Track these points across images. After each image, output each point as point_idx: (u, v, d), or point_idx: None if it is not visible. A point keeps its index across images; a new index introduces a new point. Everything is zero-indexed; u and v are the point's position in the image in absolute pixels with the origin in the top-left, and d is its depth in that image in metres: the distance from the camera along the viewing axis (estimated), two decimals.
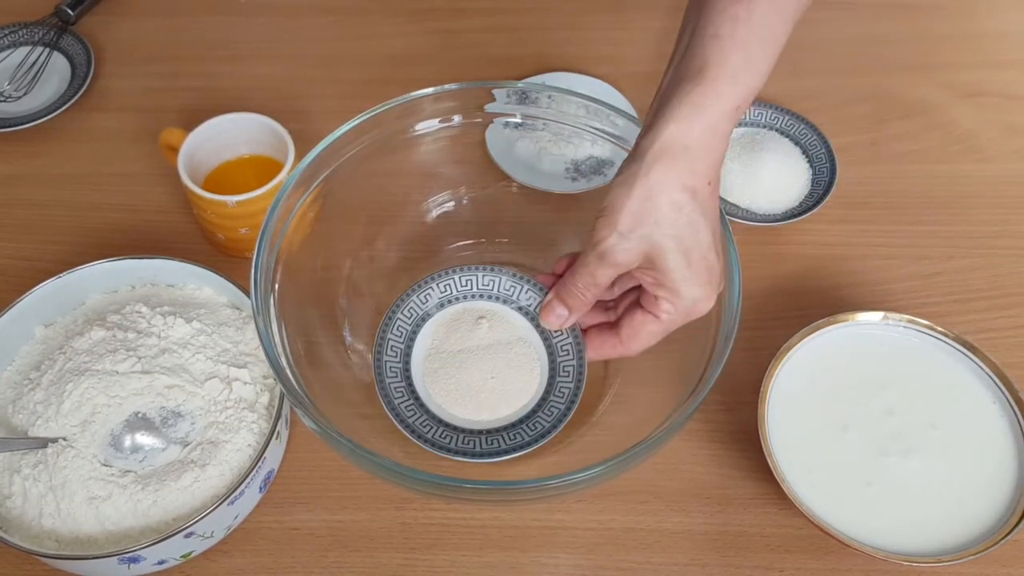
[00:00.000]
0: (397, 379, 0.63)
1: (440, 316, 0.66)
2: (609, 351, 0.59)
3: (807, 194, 0.79)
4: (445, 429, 0.61)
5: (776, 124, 0.83)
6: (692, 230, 0.51)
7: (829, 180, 0.78)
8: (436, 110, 0.66)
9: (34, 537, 0.57)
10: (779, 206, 0.78)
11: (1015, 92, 0.89)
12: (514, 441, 0.61)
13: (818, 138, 0.81)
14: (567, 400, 0.62)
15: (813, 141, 0.81)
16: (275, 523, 0.63)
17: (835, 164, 0.79)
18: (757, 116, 0.83)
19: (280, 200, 0.59)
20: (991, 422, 0.62)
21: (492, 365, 0.62)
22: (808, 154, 0.81)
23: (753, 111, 0.84)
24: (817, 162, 0.80)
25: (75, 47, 0.90)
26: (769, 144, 0.80)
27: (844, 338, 0.65)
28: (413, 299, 0.66)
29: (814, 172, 0.80)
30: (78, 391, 0.59)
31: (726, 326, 0.56)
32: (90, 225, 0.78)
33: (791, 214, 0.77)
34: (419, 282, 0.66)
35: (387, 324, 0.65)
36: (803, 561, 0.62)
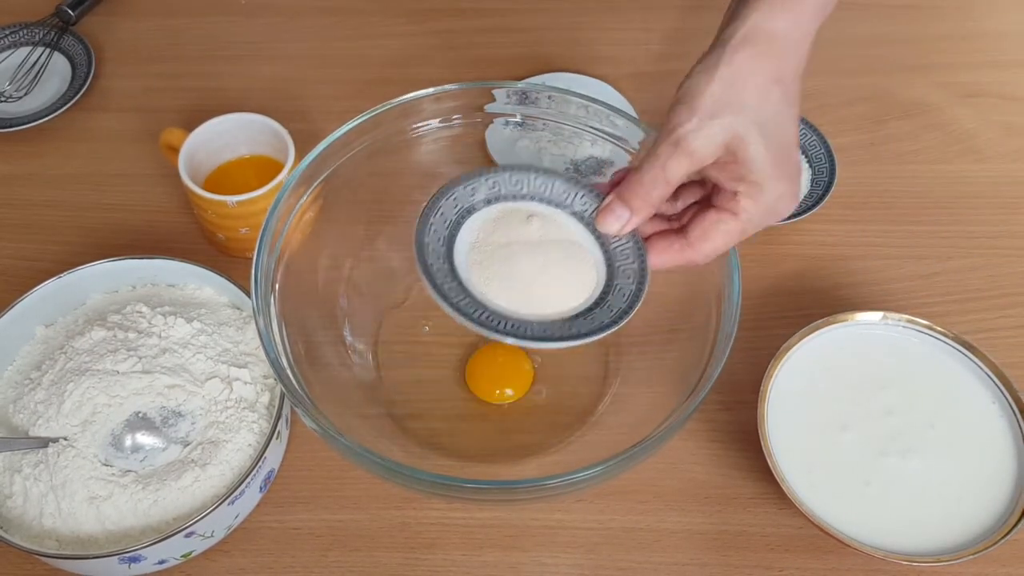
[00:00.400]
0: (440, 261, 0.55)
1: (487, 211, 0.57)
2: (675, 256, 0.52)
3: (807, 194, 0.79)
4: (492, 314, 0.53)
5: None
6: (778, 120, 0.47)
7: (829, 180, 0.78)
8: (436, 110, 0.66)
9: (35, 537, 0.57)
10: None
11: (1015, 92, 0.89)
12: (569, 331, 0.52)
13: (817, 138, 0.81)
14: (629, 299, 0.53)
15: (812, 141, 0.82)
16: (275, 523, 0.63)
17: (834, 164, 0.79)
18: None
19: (280, 200, 0.59)
20: (990, 422, 0.62)
21: (544, 259, 0.54)
22: (808, 154, 0.81)
23: None
24: (816, 162, 0.80)
25: (75, 47, 0.90)
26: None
27: (844, 338, 0.65)
28: (458, 190, 0.57)
29: (814, 172, 0.80)
30: (79, 391, 0.60)
31: (726, 326, 0.56)
32: (91, 225, 0.78)
33: (791, 214, 0.76)
34: (465, 174, 0.58)
35: (429, 210, 0.57)
36: (803, 561, 0.62)
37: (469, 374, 0.68)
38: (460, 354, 0.70)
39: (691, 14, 0.94)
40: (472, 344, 0.70)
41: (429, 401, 0.68)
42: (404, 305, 0.71)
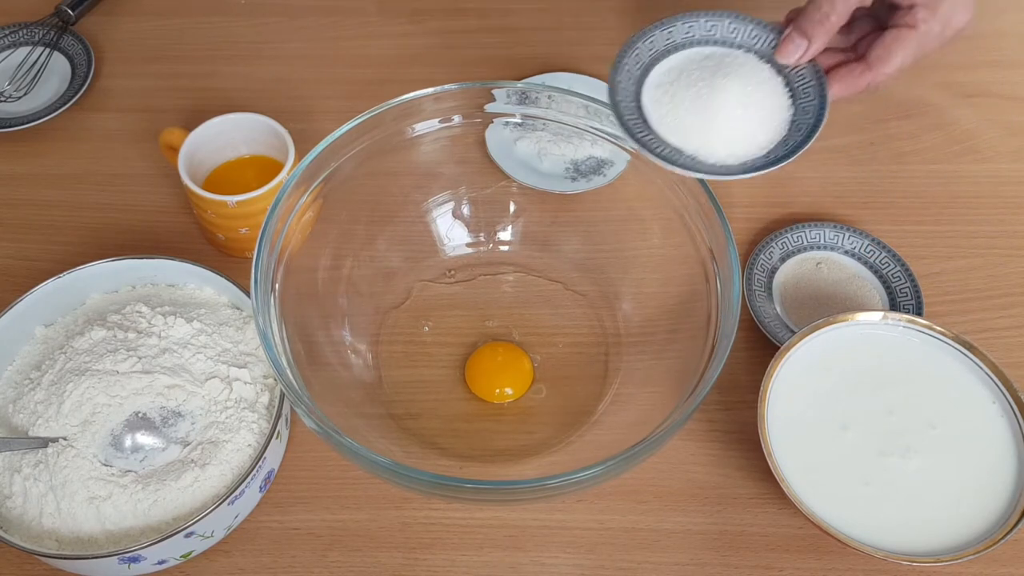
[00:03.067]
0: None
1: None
2: (856, 81, 0.54)
3: (779, 142, 0.60)
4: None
5: (756, 45, 0.61)
6: None
7: (815, 122, 0.59)
8: (436, 110, 0.66)
9: (34, 537, 0.57)
10: (739, 153, 0.59)
11: (1015, 92, 0.89)
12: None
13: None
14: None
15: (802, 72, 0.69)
16: (275, 523, 0.63)
17: (825, 99, 0.59)
18: (733, 32, 0.62)
19: (280, 200, 0.59)
20: (990, 422, 0.62)
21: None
22: (792, 87, 0.64)
23: (729, 24, 0.62)
24: (803, 99, 0.61)
25: (75, 47, 0.90)
26: (740, 70, 0.60)
27: (844, 338, 0.65)
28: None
29: (796, 113, 0.61)
30: (78, 391, 0.60)
31: (726, 326, 0.56)
32: (90, 225, 0.78)
33: (751, 167, 0.59)
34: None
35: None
36: (803, 561, 0.62)
37: (469, 374, 0.68)
38: (460, 354, 0.70)
39: None
40: (472, 344, 0.70)
41: (429, 401, 0.68)
42: (404, 305, 0.72)
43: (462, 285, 0.73)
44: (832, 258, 0.76)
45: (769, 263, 0.75)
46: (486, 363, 0.68)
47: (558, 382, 0.69)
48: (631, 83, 0.59)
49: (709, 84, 0.57)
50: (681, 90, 0.58)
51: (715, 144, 0.56)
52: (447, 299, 0.72)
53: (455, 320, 0.71)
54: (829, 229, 0.76)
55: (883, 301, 0.73)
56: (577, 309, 0.71)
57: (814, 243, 0.76)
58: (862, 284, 0.74)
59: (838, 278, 0.75)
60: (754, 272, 0.74)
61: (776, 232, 0.76)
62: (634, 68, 0.60)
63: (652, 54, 0.60)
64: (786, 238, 0.76)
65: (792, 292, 0.74)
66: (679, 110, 0.57)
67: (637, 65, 0.60)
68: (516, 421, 0.67)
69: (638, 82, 0.59)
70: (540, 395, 0.68)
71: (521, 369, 0.68)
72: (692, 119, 0.56)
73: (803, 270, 0.75)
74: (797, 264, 0.75)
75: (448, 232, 0.73)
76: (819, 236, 0.76)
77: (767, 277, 0.74)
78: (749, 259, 0.75)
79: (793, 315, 0.73)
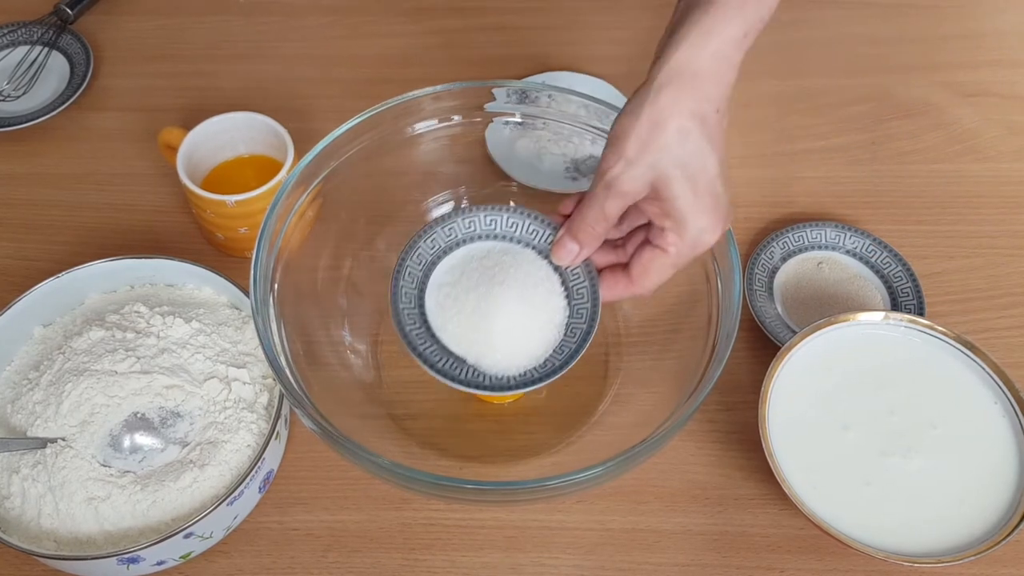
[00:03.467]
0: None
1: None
2: (622, 291, 0.58)
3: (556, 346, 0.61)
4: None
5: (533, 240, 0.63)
6: (699, 158, 0.50)
7: (588, 328, 0.60)
8: (436, 110, 0.66)
9: (33, 537, 0.56)
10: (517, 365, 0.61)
11: (1015, 92, 0.89)
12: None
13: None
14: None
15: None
16: (275, 523, 0.63)
17: (597, 303, 0.60)
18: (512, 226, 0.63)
19: (279, 200, 0.59)
20: (992, 422, 0.62)
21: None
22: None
23: None
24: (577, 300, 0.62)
25: (74, 46, 0.90)
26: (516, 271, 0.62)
27: (845, 338, 0.65)
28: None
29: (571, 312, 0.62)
30: (77, 391, 0.59)
31: (727, 326, 0.56)
32: (89, 225, 0.78)
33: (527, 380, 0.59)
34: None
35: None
36: (803, 561, 0.62)
37: None
38: None
39: None
40: None
41: (429, 401, 0.68)
42: None
43: None
44: (833, 258, 0.76)
45: (770, 263, 0.75)
46: None
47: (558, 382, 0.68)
48: (414, 286, 0.61)
49: (488, 292, 0.58)
50: (462, 294, 0.59)
51: (495, 354, 0.57)
52: None
53: None
54: (830, 229, 0.76)
55: (884, 301, 0.73)
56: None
57: (815, 243, 0.76)
58: (863, 284, 0.74)
59: (839, 278, 0.74)
60: (755, 272, 0.74)
61: (777, 232, 0.76)
62: (416, 269, 0.61)
63: (434, 252, 0.62)
64: (787, 238, 0.76)
65: (793, 292, 0.74)
66: (460, 317, 0.58)
67: (419, 265, 0.61)
68: (516, 421, 0.67)
69: (420, 284, 0.61)
70: (540, 395, 0.68)
71: None
72: (472, 328, 0.58)
73: (804, 270, 0.75)
74: (798, 264, 0.75)
75: None
76: (820, 236, 0.76)
77: (768, 277, 0.74)
78: (750, 259, 0.75)
79: (794, 315, 0.72)
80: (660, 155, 0.50)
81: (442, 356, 0.58)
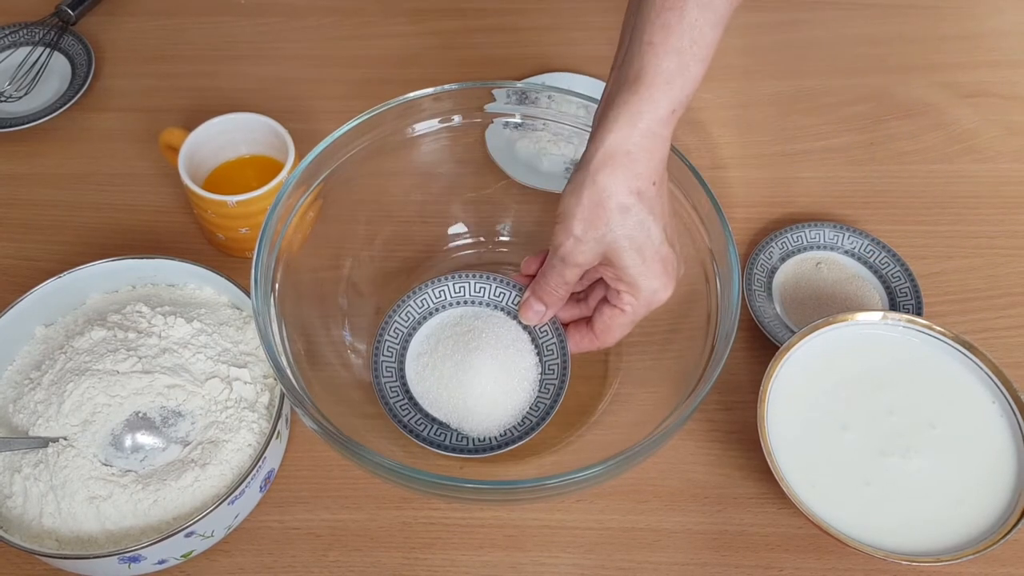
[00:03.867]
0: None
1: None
2: (588, 345, 0.63)
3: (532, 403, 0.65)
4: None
5: (500, 302, 0.68)
6: (642, 229, 0.54)
7: (560, 383, 0.65)
8: (436, 110, 0.66)
9: (35, 536, 0.57)
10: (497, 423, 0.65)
11: (1015, 92, 0.89)
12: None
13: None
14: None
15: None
16: (275, 523, 0.63)
17: (566, 357, 0.65)
18: None
19: (280, 200, 0.59)
20: (990, 422, 0.62)
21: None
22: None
23: None
24: (547, 355, 0.66)
25: (75, 47, 0.90)
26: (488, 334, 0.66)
27: (844, 338, 0.65)
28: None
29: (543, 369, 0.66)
30: (79, 391, 0.59)
31: (726, 326, 0.56)
32: (90, 225, 0.78)
33: (509, 439, 0.63)
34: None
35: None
36: (803, 561, 0.62)
37: None
38: None
39: None
40: None
41: None
42: None
43: None
44: (832, 258, 0.76)
45: (769, 263, 0.75)
46: None
47: None
48: (393, 360, 0.65)
49: (463, 360, 0.62)
50: (439, 362, 0.63)
51: (475, 417, 0.62)
52: None
53: None
54: (829, 229, 0.76)
55: (883, 301, 0.73)
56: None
57: (814, 243, 0.76)
58: (862, 284, 0.74)
59: (838, 278, 0.75)
60: (754, 272, 0.74)
61: (776, 232, 0.76)
62: (394, 343, 0.66)
63: (409, 324, 0.67)
64: (786, 238, 0.76)
65: (792, 292, 0.74)
66: (439, 385, 0.63)
67: (396, 339, 0.66)
68: None
69: (400, 356, 0.66)
70: None
71: None
72: (452, 395, 0.62)
73: (803, 270, 0.75)
74: (797, 264, 0.75)
75: (448, 232, 0.73)
76: (819, 236, 0.76)
77: (767, 277, 0.74)
78: (749, 259, 0.75)
79: (793, 315, 0.73)
80: (605, 231, 0.54)
81: (427, 424, 0.63)
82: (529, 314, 0.63)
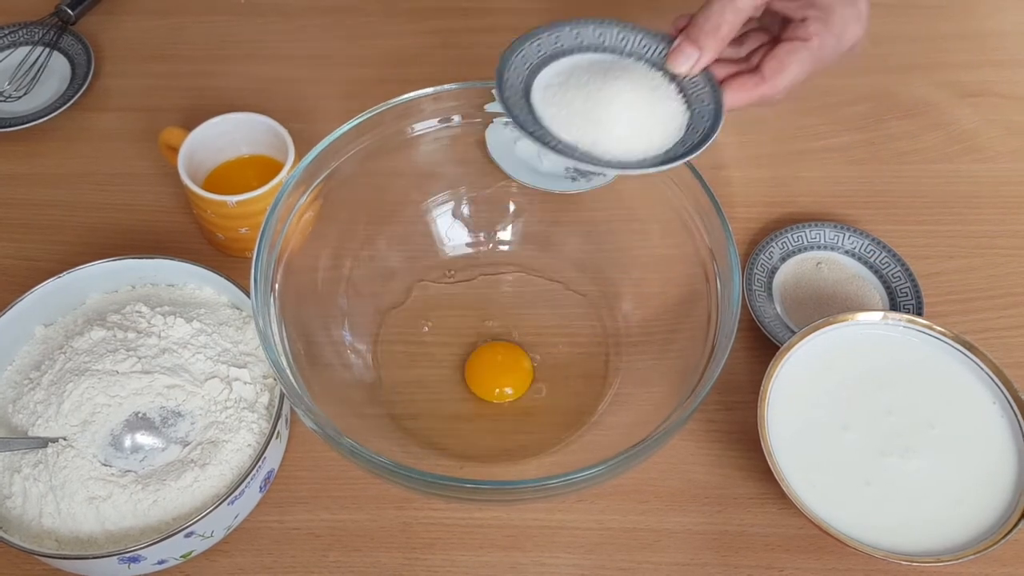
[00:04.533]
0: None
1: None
2: (751, 92, 0.54)
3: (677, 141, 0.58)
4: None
5: (647, 54, 0.60)
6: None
7: (712, 123, 0.56)
8: (436, 110, 0.66)
9: (34, 537, 0.57)
10: (634, 152, 0.57)
11: (1015, 91, 0.89)
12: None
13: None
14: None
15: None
16: (275, 523, 0.63)
17: (720, 104, 0.57)
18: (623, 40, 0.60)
19: (280, 200, 0.59)
20: (991, 422, 0.62)
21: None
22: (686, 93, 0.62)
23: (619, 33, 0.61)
24: (698, 104, 0.60)
25: (75, 47, 0.90)
26: (629, 74, 0.58)
27: (844, 338, 0.65)
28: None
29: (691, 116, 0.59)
30: (78, 391, 0.59)
31: (726, 326, 0.56)
32: (90, 225, 0.78)
33: (648, 163, 0.56)
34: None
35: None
36: (803, 561, 0.62)
37: (469, 373, 0.68)
38: (460, 354, 0.69)
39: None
40: (472, 344, 0.70)
41: (429, 401, 0.68)
42: (404, 305, 0.71)
43: (462, 285, 0.73)
44: (832, 258, 0.76)
45: (769, 263, 0.75)
46: (486, 363, 0.68)
47: (558, 382, 0.68)
48: (519, 82, 0.57)
49: (600, 85, 0.54)
50: (572, 90, 0.55)
51: (608, 142, 0.53)
52: (447, 299, 0.72)
53: (455, 320, 0.71)
54: (829, 229, 0.76)
55: (883, 301, 0.73)
56: (577, 309, 0.71)
57: (814, 243, 0.76)
58: (862, 284, 0.74)
59: (838, 278, 0.75)
60: (754, 272, 0.74)
61: (776, 232, 0.76)
62: (522, 68, 0.57)
63: (540, 56, 0.58)
64: (786, 238, 0.76)
65: (792, 292, 0.74)
66: (571, 108, 0.54)
67: (525, 65, 0.57)
68: (516, 421, 0.67)
69: (526, 82, 0.57)
70: (540, 395, 0.68)
71: (521, 369, 0.68)
72: (585, 118, 0.54)
73: (803, 270, 0.75)
74: (797, 264, 0.75)
75: (448, 232, 0.73)
76: (819, 236, 0.76)
77: (767, 277, 0.74)
78: (749, 259, 0.75)
79: (793, 315, 0.73)
80: None
81: (551, 139, 0.54)
82: (680, 59, 0.53)
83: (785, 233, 0.76)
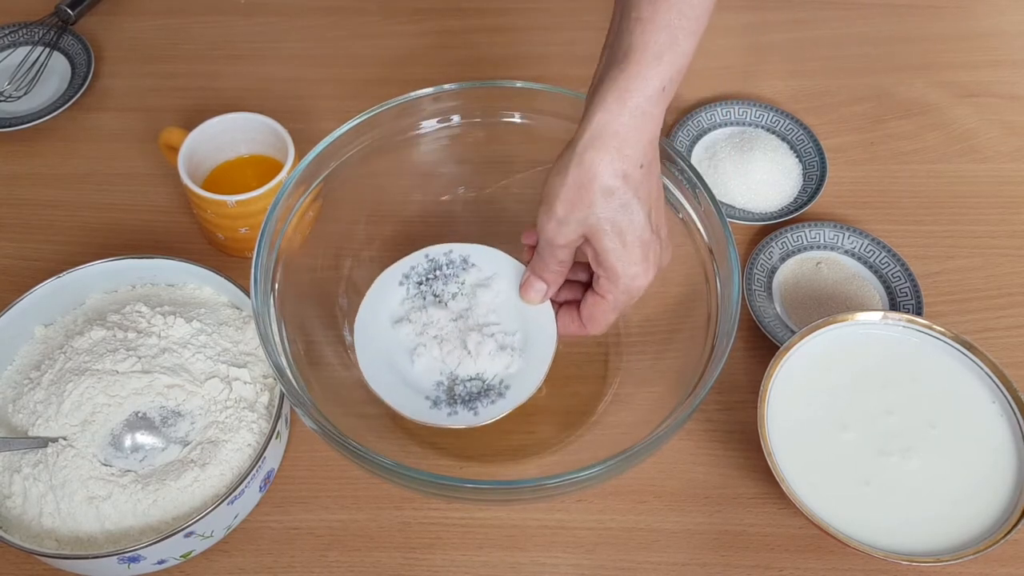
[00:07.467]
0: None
1: None
2: (575, 331, 0.61)
3: (800, 190, 0.80)
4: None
5: (764, 122, 0.84)
6: (625, 212, 0.53)
7: (820, 176, 0.80)
8: (436, 110, 0.66)
9: (34, 536, 0.57)
10: (772, 204, 0.79)
11: (1015, 91, 0.89)
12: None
13: (806, 134, 0.83)
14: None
15: (801, 137, 0.82)
16: (275, 523, 0.63)
17: (825, 161, 0.81)
18: (744, 114, 0.84)
19: (280, 200, 0.59)
20: (990, 421, 0.62)
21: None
22: (797, 150, 0.82)
23: (740, 109, 0.84)
24: (806, 157, 0.81)
25: (75, 47, 0.90)
26: (760, 143, 0.81)
27: (843, 338, 0.65)
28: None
29: (804, 168, 0.81)
30: (78, 391, 0.59)
31: (726, 326, 0.56)
32: (90, 225, 0.78)
33: (785, 212, 0.78)
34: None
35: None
36: (803, 561, 0.62)
37: None
38: None
39: None
40: None
41: None
42: None
43: None
44: (832, 258, 0.76)
45: (769, 263, 0.75)
46: None
47: (558, 382, 0.68)
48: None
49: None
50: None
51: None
52: None
53: None
54: (829, 229, 0.76)
55: (883, 301, 0.73)
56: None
57: (814, 243, 0.76)
58: (862, 284, 0.74)
59: (838, 278, 0.75)
60: (754, 272, 0.74)
61: (776, 232, 0.76)
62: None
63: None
64: (786, 238, 0.76)
65: (792, 292, 0.74)
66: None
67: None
68: (516, 421, 0.67)
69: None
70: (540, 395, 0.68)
71: None
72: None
73: (803, 270, 0.75)
74: (797, 264, 0.75)
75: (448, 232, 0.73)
76: (819, 236, 0.76)
77: (767, 277, 0.74)
78: (749, 259, 0.75)
79: (793, 315, 0.73)
80: (588, 213, 0.53)
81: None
82: (531, 293, 0.61)
83: (785, 233, 0.76)
